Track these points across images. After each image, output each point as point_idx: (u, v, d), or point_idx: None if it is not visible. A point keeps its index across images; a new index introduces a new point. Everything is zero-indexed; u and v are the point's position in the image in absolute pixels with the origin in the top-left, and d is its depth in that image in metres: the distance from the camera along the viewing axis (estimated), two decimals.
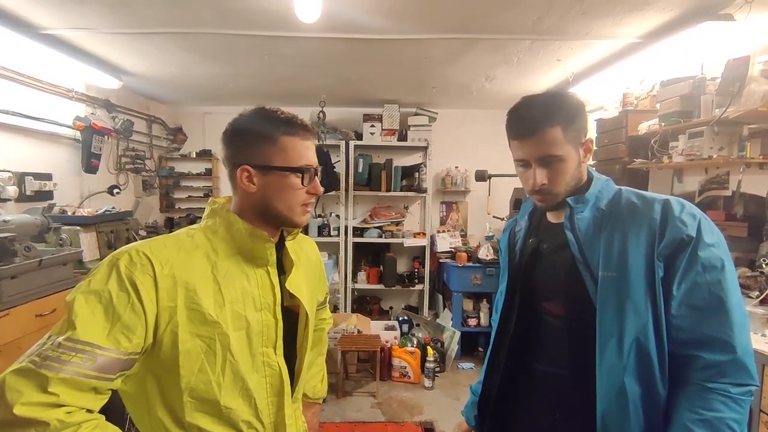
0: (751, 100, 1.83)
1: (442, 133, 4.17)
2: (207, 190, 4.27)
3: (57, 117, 2.77)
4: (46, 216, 2.21)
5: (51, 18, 2.14)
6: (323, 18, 2.01)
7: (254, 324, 0.80)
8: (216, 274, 0.78)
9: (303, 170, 0.83)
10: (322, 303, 1.17)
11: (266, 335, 0.81)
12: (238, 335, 0.77)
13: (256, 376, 0.80)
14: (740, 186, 2.15)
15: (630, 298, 0.82)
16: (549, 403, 0.97)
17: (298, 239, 0.99)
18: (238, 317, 0.78)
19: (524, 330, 1.00)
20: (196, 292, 0.74)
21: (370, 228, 4.08)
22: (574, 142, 0.89)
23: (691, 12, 1.98)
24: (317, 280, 1.08)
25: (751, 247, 2.11)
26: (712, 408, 0.76)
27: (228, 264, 0.80)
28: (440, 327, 3.76)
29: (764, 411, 1.52)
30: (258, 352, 0.80)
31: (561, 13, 2.05)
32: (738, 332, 0.78)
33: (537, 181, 0.89)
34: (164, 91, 3.72)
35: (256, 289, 0.82)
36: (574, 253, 0.89)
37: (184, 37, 2.40)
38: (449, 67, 2.91)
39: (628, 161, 2.72)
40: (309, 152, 0.85)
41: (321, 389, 1.21)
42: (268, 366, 0.82)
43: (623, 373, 0.82)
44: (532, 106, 0.90)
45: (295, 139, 0.83)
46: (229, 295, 0.78)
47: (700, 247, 0.79)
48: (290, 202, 0.84)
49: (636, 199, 0.89)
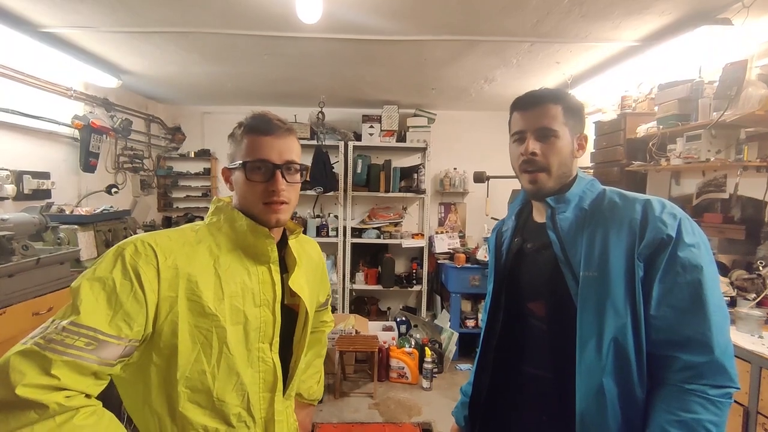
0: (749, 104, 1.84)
1: (441, 135, 4.18)
2: (205, 190, 4.26)
3: (55, 115, 2.76)
4: (44, 215, 2.20)
5: (50, 16, 2.14)
6: (324, 19, 2.01)
7: (252, 319, 0.81)
8: (218, 268, 0.79)
9: (245, 164, 0.82)
10: (323, 304, 1.17)
11: (263, 331, 0.82)
12: (235, 329, 0.78)
13: (251, 370, 0.81)
14: (737, 189, 2.16)
15: (610, 298, 0.82)
16: (535, 405, 0.97)
17: (301, 240, 1.00)
18: (237, 312, 0.79)
19: (510, 331, 1.01)
20: (197, 284, 0.76)
21: (369, 229, 4.08)
22: (571, 128, 0.92)
23: (689, 16, 2.00)
24: (318, 281, 1.07)
25: (748, 249, 2.12)
26: (689, 409, 0.76)
27: (230, 259, 0.82)
28: (438, 328, 3.76)
29: (761, 413, 1.52)
30: (254, 347, 0.81)
31: (560, 16, 2.06)
32: (717, 333, 0.77)
33: (529, 148, 0.91)
34: (163, 91, 3.71)
35: (257, 285, 0.83)
36: (556, 252, 0.90)
37: (184, 36, 2.39)
38: (448, 68, 2.91)
39: (626, 164, 2.73)
40: (267, 148, 0.82)
41: (317, 391, 1.20)
42: (263, 362, 0.82)
43: (602, 374, 0.82)
44: (541, 89, 0.96)
45: (256, 136, 0.82)
46: (229, 290, 0.79)
47: (680, 247, 0.79)
48: (248, 199, 0.84)
49: (618, 198, 0.89)
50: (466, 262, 3.73)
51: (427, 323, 3.89)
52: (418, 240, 4.03)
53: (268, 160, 0.82)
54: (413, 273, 4.16)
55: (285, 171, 0.84)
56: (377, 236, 4.05)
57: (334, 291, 3.93)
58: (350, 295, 4.10)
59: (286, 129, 0.85)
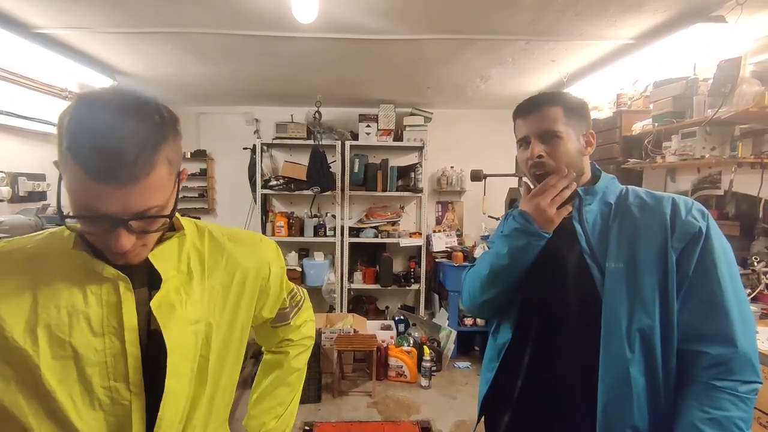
0: (743, 101, 1.86)
1: (437, 133, 4.18)
2: (202, 191, 4.25)
3: (50, 117, 2.75)
4: (40, 217, 2.19)
5: (44, 17, 2.12)
6: (320, 18, 2.01)
7: (87, 352, 0.63)
8: (36, 289, 0.64)
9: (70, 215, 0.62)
10: (276, 320, 0.92)
11: (113, 366, 0.64)
12: (58, 365, 0.62)
13: (99, 414, 0.64)
14: (732, 185, 2.18)
15: (637, 290, 0.83)
16: (564, 402, 0.93)
17: (220, 240, 0.78)
18: (59, 343, 0.62)
19: (536, 326, 0.98)
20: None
21: (366, 228, 4.08)
22: (575, 127, 0.92)
23: (684, 14, 2.01)
24: (245, 293, 0.79)
25: (743, 245, 2.13)
26: (720, 407, 0.76)
27: (59, 276, 0.65)
28: (436, 326, 3.77)
29: (757, 408, 1.53)
30: (100, 387, 0.64)
31: (555, 15, 2.06)
32: (744, 328, 0.79)
33: (534, 152, 0.92)
34: (158, 91, 3.69)
35: (97, 309, 0.64)
36: (581, 245, 0.89)
37: (180, 36, 2.38)
38: (444, 67, 2.91)
39: (622, 161, 2.75)
40: (103, 200, 0.58)
41: (272, 429, 0.92)
42: (118, 404, 0.65)
43: (629, 364, 0.81)
44: (539, 94, 0.96)
45: (84, 176, 0.57)
46: (46, 316, 0.62)
47: (710, 242, 0.81)
48: (95, 243, 0.65)
49: (645, 195, 0.91)
50: (463, 261, 3.74)
51: (425, 322, 3.90)
52: (416, 239, 4.03)
53: (106, 215, 0.58)
54: (411, 272, 4.16)
55: (133, 222, 0.60)
56: (375, 235, 4.05)
57: (332, 290, 3.93)
58: (348, 295, 4.10)
59: (143, 166, 0.57)
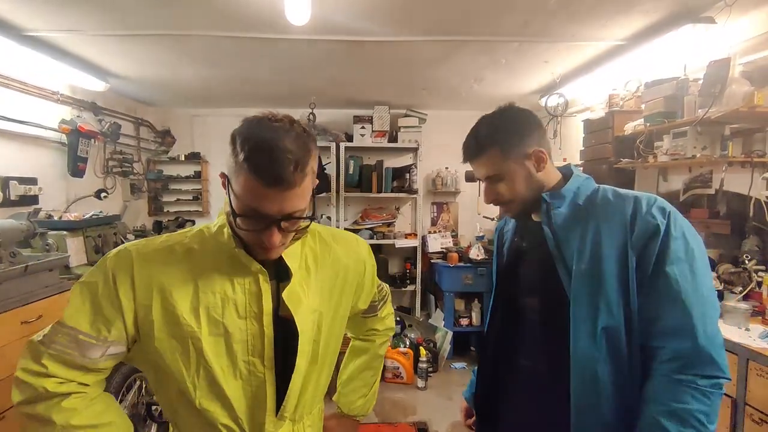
0: (733, 101, 1.88)
1: (432, 135, 4.19)
2: (196, 193, 4.22)
3: (42, 120, 2.72)
4: (32, 221, 2.17)
5: (36, 19, 2.11)
6: (313, 20, 2.01)
7: (235, 332, 0.76)
8: (197, 277, 0.76)
9: (237, 212, 0.71)
10: (366, 311, 1.07)
11: (252, 344, 0.77)
12: (213, 341, 0.75)
13: (239, 383, 0.77)
14: (723, 184, 2.20)
15: (602, 290, 0.84)
16: (529, 397, 1.00)
17: (327, 240, 0.90)
18: (215, 323, 0.75)
19: (508, 326, 1.05)
20: (171, 293, 0.75)
21: (362, 229, 4.08)
22: (516, 157, 0.93)
23: (674, 15, 2.03)
24: (347, 286, 0.93)
25: (734, 244, 2.15)
26: (679, 399, 0.77)
27: (213, 267, 0.77)
28: (432, 327, 3.77)
29: (749, 404, 1.55)
30: (241, 360, 0.77)
31: (548, 16, 2.08)
32: (702, 322, 0.79)
33: (486, 199, 0.99)
34: (152, 94, 3.68)
35: (242, 296, 0.77)
36: (550, 248, 0.92)
37: (173, 39, 2.37)
38: (438, 68, 2.92)
39: (614, 161, 2.77)
40: (266, 201, 0.68)
41: (360, 407, 1.09)
42: (254, 375, 0.77)
43: (596, 362, 0.84)
44: (476, 131, 0.97)
45: (255, 181, 0.67)
46: (206, 300, 0.75)
47: (669, 238, 0.82)
48: (246, 238, 0.75)
49: (611, 195, 0.92)
50: (459, 261, 3.74)
51: (421, 323, 3.90)
52: (411, 240, 4.04)
53: (266, 215, 0.70)
54: (407, 273, 4.17)
55: (284, 222, 0.72)
56: (370, 237, 4.05)
57: None
58: None
59: (299, 176, 0.68)
